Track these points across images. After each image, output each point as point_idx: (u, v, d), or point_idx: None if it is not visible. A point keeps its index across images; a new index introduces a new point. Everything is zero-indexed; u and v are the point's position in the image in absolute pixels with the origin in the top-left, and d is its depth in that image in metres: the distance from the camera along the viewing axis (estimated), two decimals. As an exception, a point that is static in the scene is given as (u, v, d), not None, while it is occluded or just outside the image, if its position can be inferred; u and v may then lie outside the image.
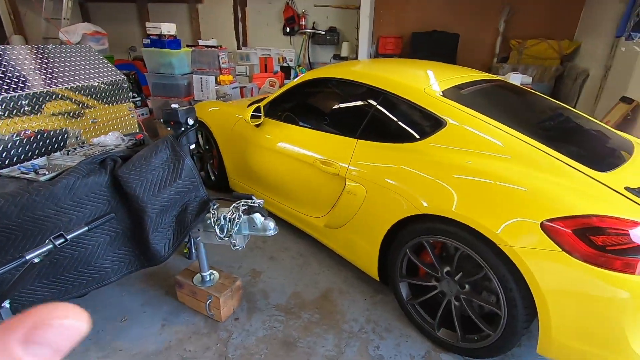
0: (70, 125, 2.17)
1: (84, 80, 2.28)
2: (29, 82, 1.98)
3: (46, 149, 1.99)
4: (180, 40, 4.52)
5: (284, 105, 2.65)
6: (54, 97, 2.08)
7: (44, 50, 2.33)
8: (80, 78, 2.29)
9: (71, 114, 2.19)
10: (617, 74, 4.84)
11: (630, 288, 1.27)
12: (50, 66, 2.23)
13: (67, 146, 2.06)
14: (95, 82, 2.33)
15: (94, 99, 2.33)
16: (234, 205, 1.66)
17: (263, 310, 2.02)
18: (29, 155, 1.90)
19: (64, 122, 2.14)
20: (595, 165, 1.53)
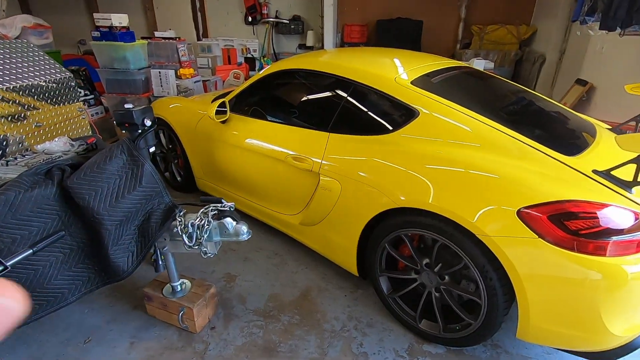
0: (10, 131, 1.95)
1: (23, 80, 2.04)
2: (-46, 84, 1.74)
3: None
4: (133, 32, 4.21)
5: (251, 99, 2.52)
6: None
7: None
8: (20, 77, 2.05)
9: (10, 118, 1.96)
10: (571, 57, 5.05)
11: (602, 270, 1.30)
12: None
13: (7, 155, 1.84)
14: (37, 81, 2.09)
15: (37, 100, 2.10)
16: (202, 211, 1.55)
17: (240, 317, 1.93)
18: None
19: (3, 127, 1.92)
20: (563, 149, 1.55)
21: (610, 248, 1.29)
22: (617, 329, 1.34)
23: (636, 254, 1.31)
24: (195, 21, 7.03)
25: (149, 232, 1.53)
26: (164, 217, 1.56)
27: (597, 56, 4.29)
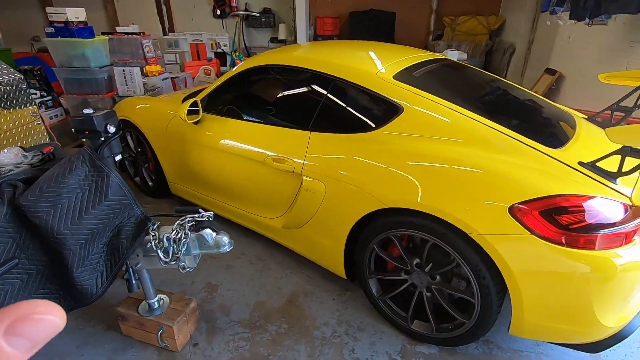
0: (-48, 141, 1.73)
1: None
2: None
3: None
4: (92, 27, 3.93)
5: (225, 97, 2.38)
6: None
7: None
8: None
9: (-49, 127, 1.74)
10: (540, 47, 5.18)
11: (592, 263, 1.29)
12: None
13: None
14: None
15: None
16: (178, 223, 1.43)
17: (225, 330, 1.83)
18: None
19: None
20: (548, 142, 1.53)
21: (599, 241, 1.29)
22: (608, 320, 1.35)
23: (624, 246, 1.31)
24: (160, 15, 6.69)
25: (120, 249, 1.39)
26: (135, 231, 1.43)
27: (565, 45, 4.41)
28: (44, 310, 0.20)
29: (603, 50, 3.71)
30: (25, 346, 0.20)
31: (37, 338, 0.20)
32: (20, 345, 0.19)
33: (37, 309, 0.20)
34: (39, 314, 0.20)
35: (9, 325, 0.19)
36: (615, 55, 3.54)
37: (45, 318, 0.20)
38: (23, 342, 0.20)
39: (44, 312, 0.20)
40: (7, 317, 0.19)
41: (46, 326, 0.20)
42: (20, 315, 0.19)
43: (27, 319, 0.20)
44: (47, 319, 0.20)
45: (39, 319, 0.20)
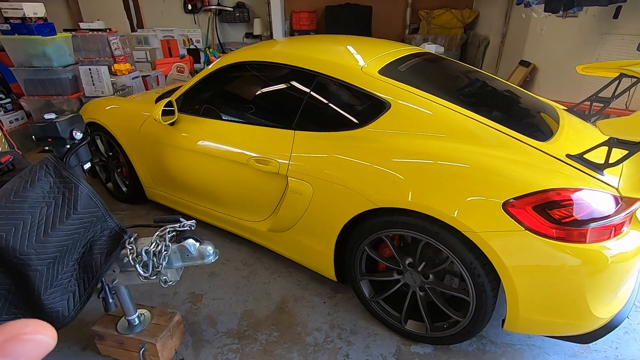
0: None
1: None
2: None
3: None
4: (53, 23, 3.67)
5: (201, 96, 2.26)
6: None
7: None
8: None
9: None
10: (513, 39, 5.27)
11: (584, 256, 1.29)
12: None
13: None
14: None
15: None
16: (157, 234, 1.32)
17: (212, 342, 1.73)
18: None
19: None
20: (536, 135, 1.53)
21: (589, 234, 1.28)
22: (600, 312, 1.36)
23: (614, 237, 1.31)
24: (128, 10, 6.37)
25: (93, 266, 1.28)
26: (110, 245, 1.31)
27: (538, 38, 4.51)
28: (33, 329, 0.20)
29: (574, 42, 3.80)
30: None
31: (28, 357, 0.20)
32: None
33: (26, 329, 0.20)
34: (28, 334, 0.20)
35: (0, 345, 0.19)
36: (586, 46, 3.64)
37: (35, 338, 0.20)
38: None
39: (33, 332, 0.20)
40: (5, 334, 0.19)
41: (36, 346, 0.20)
42: (9, 336, 0.19)
43: (16, 339, 0.19)
44: (37, 339, 0.20)
45: (28, 339, 0.20)
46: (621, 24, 3.22)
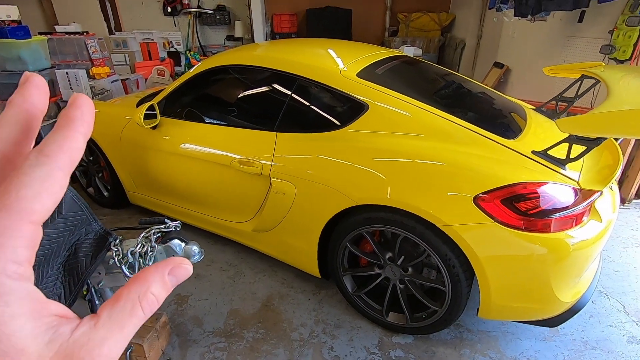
0: None
1: None
2: None
3: None
4: (27, 27, 3.60)
5: (183, 100, 2.29)
6: None
7: None
8: None
9: None
10: (488, 42, 5.47)
11: (549, 245, 1.39)
12: None
13: None
14: None
15: None
16: (143, 235, 1.34)
17: (199, 341, 1.76)
18: None
19: None
20: (504, 133, 1.62)
21: (553, 224, 1.39)
22: (565, 296, 1.46)
23: (575, 227, 1.42)
24: (105, 12, 6.27)
25: (78, 269, 1.29)
26: (95, 248, 1.32)
27: (510, 41, 4.70)
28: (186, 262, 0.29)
29: (543, 44, 3.99)
30: (174, 282, 0.27)
31: (181, 278, 0.28)
32: (173, 281, 0.27)
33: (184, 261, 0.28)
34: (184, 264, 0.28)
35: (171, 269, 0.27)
36: (554, 49, 3.83)
37: (187, 267, 0.28)
38: (174, 280, 0.27)
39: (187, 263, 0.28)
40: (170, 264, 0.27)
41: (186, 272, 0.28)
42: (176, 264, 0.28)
43: (179, 266, 0.28)
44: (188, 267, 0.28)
45: (184, 267, 0.28)
46: (585, 27, 3.41)
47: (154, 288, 0.26)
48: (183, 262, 0.29)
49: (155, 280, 0.27)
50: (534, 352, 1.70)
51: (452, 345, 1.74)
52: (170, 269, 0.28)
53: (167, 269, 0.28)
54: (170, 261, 0.29)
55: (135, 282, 0.27)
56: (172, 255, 1.33)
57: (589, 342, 1.76)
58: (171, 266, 0.28)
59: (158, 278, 0.27)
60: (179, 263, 0.29)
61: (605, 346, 1.74)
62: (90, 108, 0.26)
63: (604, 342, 1.76)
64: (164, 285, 0.27)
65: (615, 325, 1.85)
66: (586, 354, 1.70)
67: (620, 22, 2.94)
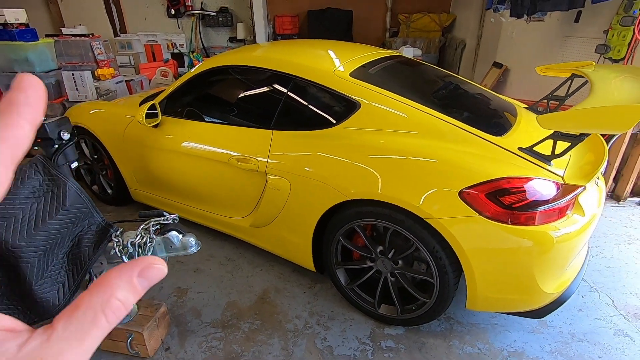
0: None
1: None
2: None
3: None
4: (35, 29, 3.70)
5: (184, 99, 2.36)
6: None
7: None
8: None
9: None
10: (487, 42, 5.50)
11: (533, 237, 1.44)
12: None
13: None
14: None
15: None
16: (142, 227, 1.42)
17: (197, 331, 1.83)
18: None
19: None
20: (492, 130, 1.67)
21: (537, 217, 1.43)
22: (549, 287, 1.51)
23: (559, 220, 1.47)
24: (110, 15, 6.39)
25: (82, 258, 1.36)
26: (97, 239, 1.40)
27: (509, 41, 4.73)
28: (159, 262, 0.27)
29: (541, 44, 4.02)
30: (145, 285, 0.26)
31: (153, 280, 0.26)
32: (143, 285, 0.25)
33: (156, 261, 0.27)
34: (156, 264, 0.26)
35: (141, 270, 0.25)
36: (551, 48, 3.86)
37: (160, 267, 0.26)
38: (144, 283, 0.26)
39: (159, 263, 0.26)
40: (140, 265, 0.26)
41: (159, 273, 0.26)
42: (147, 264, 0.26)
43: (150, 267, 0.26)
44: (160, 268, 0.26)
45: (157, 267, 0.26)
46: (581, 27, 3.45)
47: (119, 293, 0.24)
48: (155, 262, 0.27)
49: (121, 283, 0.24)
50: (521, 344, 1.75)
51: (441, 336, 1.79)
52: (140, 269, 0.26)
53: (135, 270, 0.26)
54: (139, 261, 0.27)
55: (98, 286, 0.24)
56: (170, 246, 1.40)
57: (576, 334, 1.80)
58: (141, 267, 0.26)
59: (125, 281, 0.25)
60: (150, 263, 0.27)
61: (592, 338, 1.78)
62: (38, 90, 0.24)
63: (591, 334, 1.80)
64: (132, 289, 0.25)
65: (603, 318, 1.89)
66: (573, 345, 1.74)
67: (615, 22, 2.98)
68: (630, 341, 1.76)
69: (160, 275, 0.27)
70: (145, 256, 0.28)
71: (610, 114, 1.26)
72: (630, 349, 1.72)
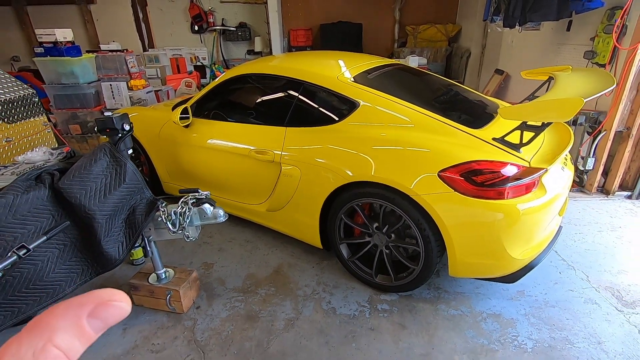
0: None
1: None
2: None
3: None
4: (79, 46, 4.22)
5: (210, 104, 2.75)
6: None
7: None
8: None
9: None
10: (491, 50, 5.78)
11: (503, 210, 1.72)
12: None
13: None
14: (1, 98, 2.18)
15: (2, 117, 2.18)
16: (182, 200, 1.78)
17: (222, 295, 2.17)
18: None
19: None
20: (472, 124, 1.98)
21: (507, 192, 1.72)
22: (515, 253, 1.78)
23: (524, 195, 1.75)
24: (140, 32, 6.98)
25: (136, 224, 1.73)
26: (147, 209, 1.77)
27: (509, 49, 5.01)
28: (119, 298, 0.23)
29: (538, 51, 4.29)
30: (100, 327, 0.22)
31: (110, 321, 0.22)
32: (96, 327, 0.22)
33: (114, 297, 0.23)
34: (116, 300, 0.23)
35: (93, 309, 0.22)
36: (547, 55, 4.12)
37: (120, 305, 0.23)
38: (99, 324, 0.22)
39: (119, 300, 0.23)
40: (92, 302, 0.22)
41: (118, 311, 0.23)
42: (101, 301, 0.22)
43: (106, 304, 0.22)
44: (121, 306, 0.23)
45: (115, 305, 0.22)
46: (572, 35, 3.71)
47: (58, 337, 0.19)
48: (114, 298, 0.23)
49: (64, 325, 0.20)
50: (500, 308, 2.02)
51: (430, 302, 2.08)
52: (93, 307, 0.22)
53: (86, 309, 0.21)
54: (93, 296, 0.22)
55: (34, 329, 0.20)
56: (204, 216, 1.76)
57: (549, 301, 2.05)
58: (94, 303, 0.22)
59: (70, 322, 0.20)
60: (107, 299, 0.22)
61: (563, 305, 2.03)
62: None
63: (563, 302, 2.05)
64: (79, 331, 0.21)
65: (575, 290, 2.14)
66: (546, 310, 2.00)
67: (600, 30, 3.24)
68: (598, 307, 2.00)
69: (120, 315, 0.23)
70: (105, 289, 0.23)
71: (554, 106, 1.56)
72: (596, 313, 1.97)
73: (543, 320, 1.94)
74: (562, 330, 1.87)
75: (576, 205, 3.09)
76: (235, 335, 1.89)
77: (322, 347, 1.82)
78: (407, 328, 1.91)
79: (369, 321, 1.96)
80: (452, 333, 1.88)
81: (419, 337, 1.86)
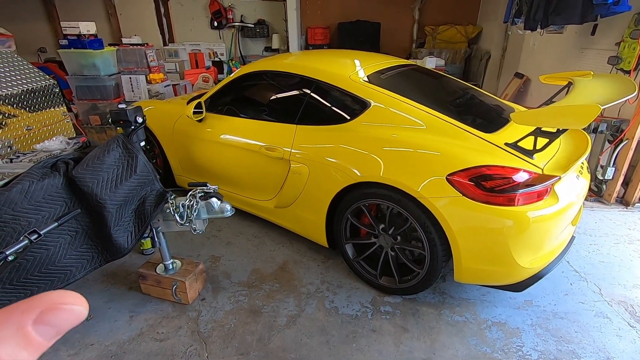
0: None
1: (10, 88, 2.21)
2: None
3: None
4: (102, 39, 4.33)
5: (224, 99, 2.78)
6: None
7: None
8: (7, 85, 2.21)
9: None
10: (511, 53, 5.65)
11: (512, 217, 1.69)
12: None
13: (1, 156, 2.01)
14: (23, 88, 2.26)
15: (24, 105, 2.26)
16: (190, 193, 1.81)
17: (227, 289, 2.20)
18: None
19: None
20: (485, 128, 1.94)
21: (517, 199, 1.69)
22: (523, 261, 1.74)
23: (535, 203, 1.71)
24: (161, 27, 7.12)
25: (145, 214, 1.77)
26: (157, 201, 1.81)
27: (530, 52, 4.88)
28: (70, 300, 0.21)
29: (560, 55, 4.17)
30: (51, 334, 0.20)
31: (62, 327, 0.20)
32: (46, 334, 0.20)
33: (65, 299, 0.21)
34: (66, 304, 0.21)
35: (40, 315, 0.20)
36: (569, 60, 4.00)
37: (72, 308, 0.21)
38: (49, 331, 0.20)
39: (70, 303, 0.21)
40: (38, 306, 0.20)
41: (71, 316, 0.21)
42: (49, 305, 0.20)
43: (55, 308, 0.20)
44: (73, 309, 0.21)
45: (66, 309, 0.21)
46: (597, 39, 3.59)
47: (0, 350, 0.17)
48: (65, 300, 0.21)
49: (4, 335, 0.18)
50: (505, 317, 1.98)
51: (434, 306, 2.05)
52: (39, 312, 0.20)
53: (31, 314, 0.19)
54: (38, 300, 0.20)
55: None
56: (211, 209, 1.78)
57: (558, 312, 2.00)
58: (41, 308, 0.20)
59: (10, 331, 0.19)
60: (56, 302, 0.20)
61: (572, 317, 1.97)
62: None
63: (572, 314, 1.99)
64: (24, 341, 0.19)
65: (587, 302, 2.07)
66: (553, 321, 1.95)
67: (626, 35, 3.12)
68: (609, 322, 1.94)
69: (74, 319, 0.21)
70: (55, 291, 0.21)
71: (570, 112, 1.51)
72: (607, 327, 1.91)
73: (550, 331, 1.89)
74: (569, 343, 1.82)
75: (593, 215, 2.99)
76: (237, 329, 1.91)
77: (323, 345, 1.83)
78: (409, 331, 1.90)
79: (370, 322, 1.95)
80: (455, 339, 1.85)
81: (421, 341, 1.84)
